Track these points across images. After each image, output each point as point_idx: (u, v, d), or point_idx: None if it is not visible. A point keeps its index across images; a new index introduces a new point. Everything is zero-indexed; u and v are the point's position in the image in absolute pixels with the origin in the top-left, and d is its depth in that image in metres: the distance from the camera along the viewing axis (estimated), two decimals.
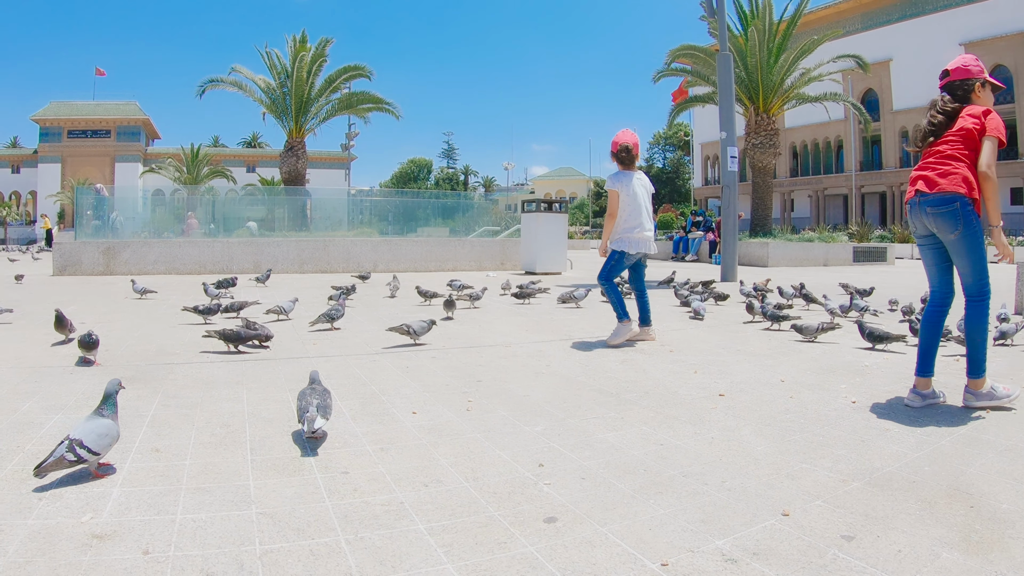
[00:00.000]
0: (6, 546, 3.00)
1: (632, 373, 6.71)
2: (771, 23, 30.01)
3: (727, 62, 19.32)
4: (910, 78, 61.37)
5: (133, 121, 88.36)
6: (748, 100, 30.94)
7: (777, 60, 29.92)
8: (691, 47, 32.20)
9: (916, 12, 62.01)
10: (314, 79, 34.81)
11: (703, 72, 31.73)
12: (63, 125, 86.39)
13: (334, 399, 4.93)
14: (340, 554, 2.99)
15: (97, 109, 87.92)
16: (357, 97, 37.00)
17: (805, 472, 3.94)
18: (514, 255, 23.69)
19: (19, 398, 5.52)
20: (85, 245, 21.31)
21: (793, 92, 31.14)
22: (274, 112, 35.88)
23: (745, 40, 29.93)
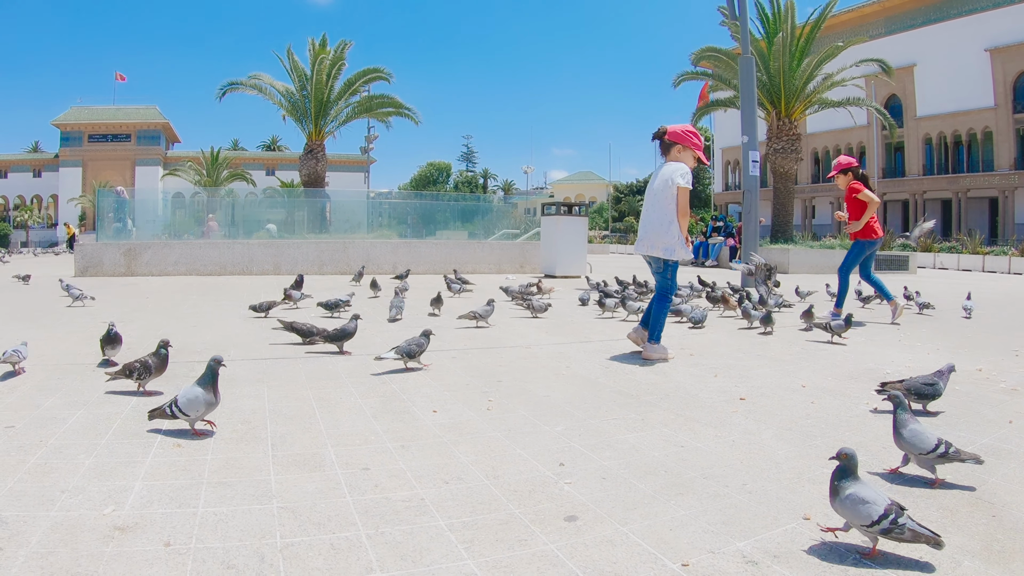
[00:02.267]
0: (28, 537, 3.02)
1: (653, 376, 6.70)
2: (793, 27, 29.82)
3: (749, 65, 19.21)
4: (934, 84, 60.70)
5: (153, 125, 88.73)
6: (770, 104, 30.75)
7: (800, 64, 29.75)
8: (713, 49, 31.98)
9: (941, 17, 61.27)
10: (333, 82, 34.79)
11: (725, 76, 31.60)
12: (84, 130, 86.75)
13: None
14: (361, 548, 3.00)
15: (117, 114, 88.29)
16: (377, 101, 37.06)
17: (826, 477, 3.84)
18: (533, 258, 23.66)
19: (42, 394, 5.56)
20: (106, 246, 21.42)
21: (816, 97, 30.92)
22: (294, 115, 35.95)
23: (768, 44, 29.76)
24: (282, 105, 35.56)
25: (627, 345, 8.28)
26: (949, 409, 5.52)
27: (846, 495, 2.98)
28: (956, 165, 61.69)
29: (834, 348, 8.18)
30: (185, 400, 4.52)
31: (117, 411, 5.12)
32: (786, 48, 29.29)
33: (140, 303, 12.63)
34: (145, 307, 11.99)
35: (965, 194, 60.69)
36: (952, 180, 61.23)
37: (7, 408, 5.15)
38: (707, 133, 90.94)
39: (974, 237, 34.77)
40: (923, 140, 63.17)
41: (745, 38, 19.44)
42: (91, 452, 4.17)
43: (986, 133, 58.95)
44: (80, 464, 3.95)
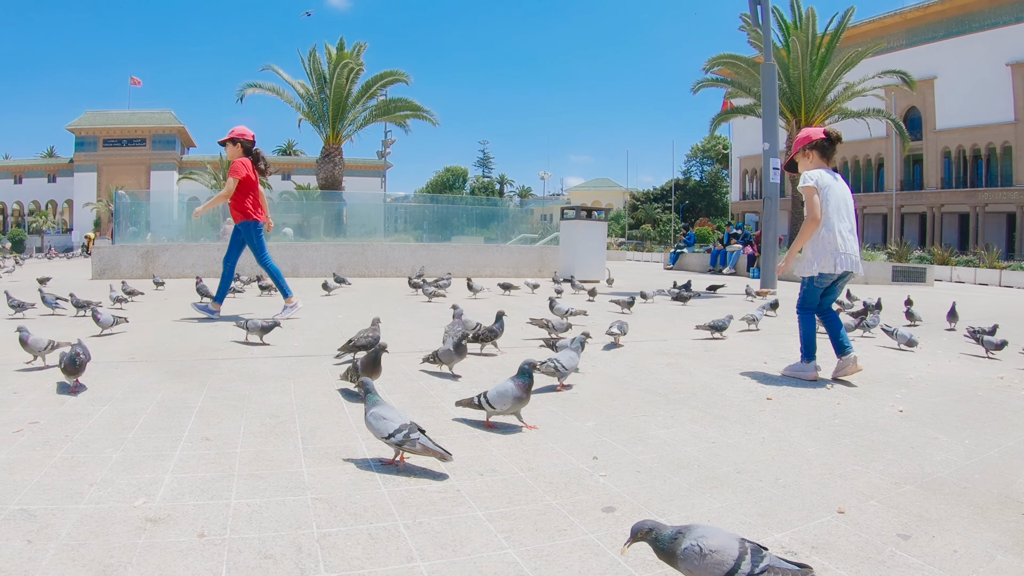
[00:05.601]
0: (58, 530, 3.01)
1: (679, 375, 6.71)
2: (814, 35, 29.69)
3: (771, 72, 19.12)
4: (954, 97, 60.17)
5: (168, 130, 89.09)
6: (790, 113, 30.60)
7: (820, 73, 29.63)
8: (731, 56, 31.84)
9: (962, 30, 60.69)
10: (351, 85, 34.72)
11: (744, 83, 31.50)
12: (98, 134, 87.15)
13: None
14: (399, 538, 3.00)
15: (132, 118, 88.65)
16: (395, 104, 37.01)
17: (858, 474, 3.91)
18: (552, 262, 23.59)
19: (66, 391, 5.57)
20: (124, 249, 21.50)
21: (835, 107, 30.75)
22: (311, 118, 35.97)
23: (787, 52, 29.61)
24: (299, 108, 35.61)
25: (650, 346, 8.30)
26: (976, 414, 5.49)
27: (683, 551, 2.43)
28: (974, 179, 61.18)
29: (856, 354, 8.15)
30: (495, 393, 4.60)
31: (142, 407, 5.12)
32: (806, 56, 29.21)
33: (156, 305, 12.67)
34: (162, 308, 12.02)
35: (983, 208, 60.26)
36: (970, 194, 60.78)
37: (31, 404, 5.16)
38: (725, 141, 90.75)
39: (991, 251, 34.58)
40: (942, 153, 62.72)
41: (767, 46, 19.37)
42: (118, 446, 4.17)
43: (1005, 148, 58.46)
44: (107, 458, 3.95)
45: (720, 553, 2.37)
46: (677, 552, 2.43)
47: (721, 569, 2.36)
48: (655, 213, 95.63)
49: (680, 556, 2.43)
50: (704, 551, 2.38)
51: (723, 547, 2.39)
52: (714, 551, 2.37)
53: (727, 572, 2.36)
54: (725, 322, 9.26)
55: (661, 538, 2.47)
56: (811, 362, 6.77)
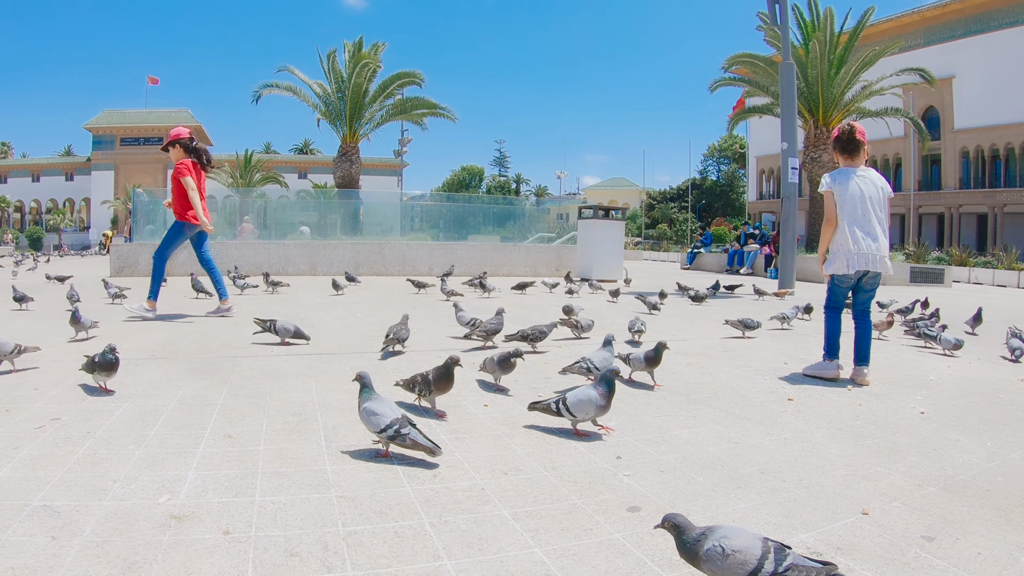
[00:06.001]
0: (82, 526, 3.03)
1: (699, 375, 6.72)
2: (832, 34, 29.40)
3: (790, 71, 19.01)
4: (973, 96, 59.54)
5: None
6: (808, 113, 30.33)
7: (838, 72, 29.34)
8: (749, 55, 31.60)
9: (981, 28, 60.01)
10: (368, 84, 34.61)
11: (762, 82, 31.28)
12: (116, 133, 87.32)
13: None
14: (426, 536, 3.01)
15: (149, 117, 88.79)
16: (412, 103, 36.92)
17: (880, 475, 3.91)
18: (569, 262, 23.50)
19: (87, 388, 5.62)
20: (142, 247, 21.58)
21: (853, 106, 30.41)
22: (328, 117, 35.91)
23: (805, 51, 29.35)
24: (317, 108, 35.60)
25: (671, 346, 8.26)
26: (997, 416, 5.49)
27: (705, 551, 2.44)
28: (993, 179, 60.69)
29: (877, 355, 8.10)
30: (575, 400, 4.47)
31: (164, 404, 5.16)
32: (824, 56, 28.96)
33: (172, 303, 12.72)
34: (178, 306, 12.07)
35: (1002, 209, 59.76)
36: (989, 195, 60.31)
37: (52, 401, 5.20)
38: (741, 140, 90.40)
39: (1010, 252, 34.29)
40: (960, 153, 62.21)
41: (786, 45, 19.25)
42: (140, 443, 4.20)
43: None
44: (130, 455, 3.97)
45: (743, 553, 2.37)
46: (700, 553, 2.44)
47: (744, 569, 2.36)
48: (671, 213, 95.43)
49: (703, 557, 2.43)
50: (727, 551, 2.38)
51: (746, 547, 2.38)
52: (736, 551, 2.37)
53: (750, 572, 2.36)
54: (756, 322, 9.28)
55: (685, 538, 2.48)
56: (833, 360, 6.78)
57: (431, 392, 5.01)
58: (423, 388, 5.04)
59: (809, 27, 30.43)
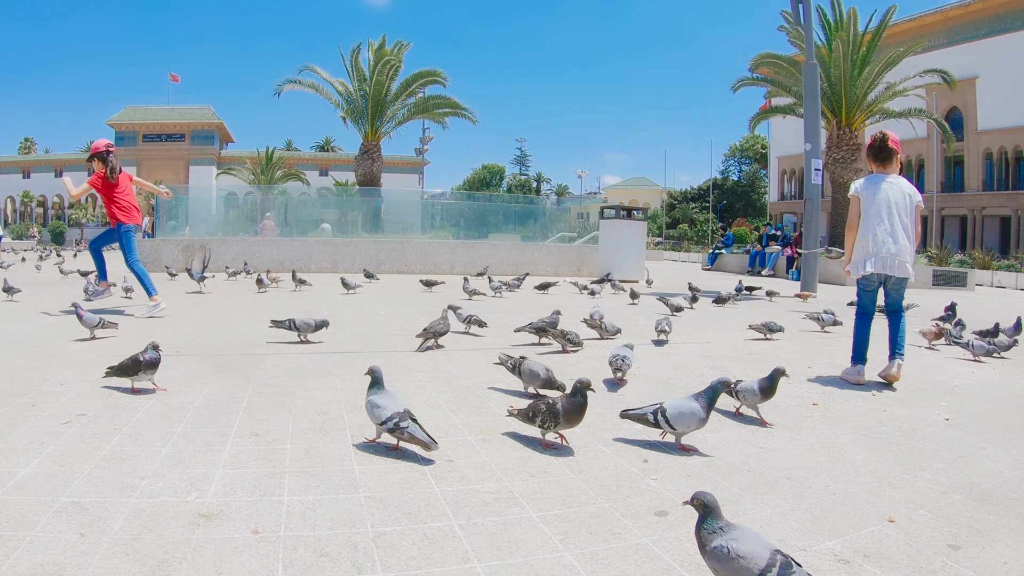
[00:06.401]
0: (110, 523, 3.06)
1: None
2: (855, 34, 29.12)
3: (813, 72, 18.89)
4: (996, 97, 58.77)
5: (207, 125, 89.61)
6: (830, 113, 30.07)
7: (861, 72, 29.12)
8: (772, 56, 31.39)
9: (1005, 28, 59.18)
10: (391, 83, 34.61)
11: (784, 82, 31.08)
12: (138, 129, 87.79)
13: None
14: (455, 538, 3.03)
15: (171, 114, 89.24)
16: (434, 102, 36.93)
17: (906, 482, 3.90)
18: (591, 261, 23.51)
19: (112, 383, 5.64)
20: (164, 243, 21.80)
21: (876, 106, 30.19)
22: (351, 115, 35.93)
23: (828, 51, 29.09)
24: (339, 105, 35.67)
25: (693, 348, 8.30)
26: (1023, 424, 5.46)
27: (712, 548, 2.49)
28: (1017, 181, 60.07)
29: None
30: (676, 412, 4.29)
31: (189, 401, 5.21)
32: (847, 56, 28.74)
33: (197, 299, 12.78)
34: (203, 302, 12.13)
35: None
36: (1012, 197, 59.68)
37: (77, 396, 5.25)
38: (763, 140, 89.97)
39: None
40: (983, 155, 61.59)
41: (809, 45, 19.16)
42: (167, 440, 4.23)
43: None
44: (157, 452, 4.01)
45: (747, 560, 2.39)
46: (708, 547, 2.49)
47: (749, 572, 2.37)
48: (692, 213, 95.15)
49: (709, 552, 2.48)
50: (732, 554, 2.41)
51: (752, 554, 2.40)
52: (741, 556, 2.39)
53: None
54: (779, 325, 9.30)
55: (706, 524, 2.53)
56: (856, 365, 6.79)
57: (558, 424, 4.23)
58: (548, 419, 4.24)
59: (832, 27, 30.24)
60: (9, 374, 5.99)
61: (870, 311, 7.04)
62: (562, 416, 4.18)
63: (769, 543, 2.47)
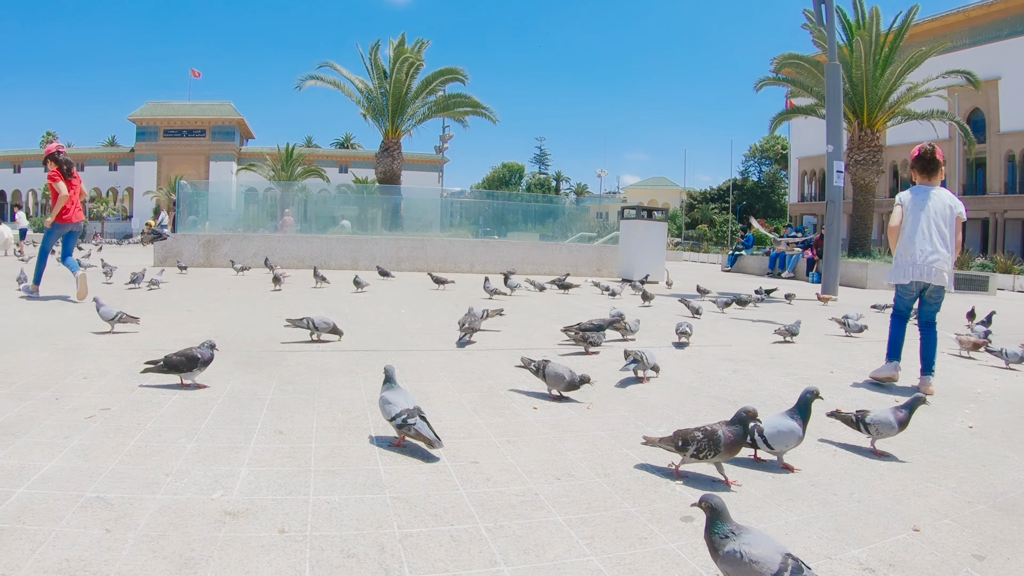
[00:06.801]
0: (136, 520, 3.08)
1: (746, 382, 6.69)
2: (877, 34, 28.83)
3: (836, 73, 18.83)
4: (1019, 98, 57.79)
5: (228, 121, 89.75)
6: (852, 114, 29.79)
7: (883, 73, 28.89)
8: (795, 56, 31.18)
9: None
10: (411, 81, 34.58)
11: (806, 83, 30.87)
12: (159, 125, 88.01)
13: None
14: (482, 541, 3.03)
15: (192, 109, 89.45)
16: (454, 100, 36.84)
17: (930, 491, 3.89)
18: (611, 262, 23.54)
19: (135, 378, 5.69)
20: (186, 238, 21.90)
21: (899, 107, 29.99)
22: (371, 113, 35.92)
23: (850, 51, 28.84)
24: (360, 103, 35.69)
25: (715, 351, 8.30)
26: None
27: (725, 551, 2.51)
28: None
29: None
30: (774, 431, 4.12)
31: (213, 396, 5.25)
32: (869, 56, 28.50)
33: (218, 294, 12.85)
34: (224, 297, 12.18)
35: None
36: None
37: (101, 391, 5.30)
38: (783, 141, 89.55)
39: None
40: (1006, 157, 60.94)
41: (832, 46, 19.10)
42: (191, 436, 4.26)
43: None
44: (182, 448, 4.03)
45: (759, 564, 2.41)
46: (720, 551, 2.52)
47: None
48: (712, 213, 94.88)
49: (721, 556, 2.51)
50: (745, 558, 2.44)
51: (764, 559, 2.42)
52: (755, 561, 2.42)
53: None
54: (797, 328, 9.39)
55: (716, 528, 2.57)
56: (893, 361, 6.97)
57: (716, 454, 3.81)
58: (704, 448, 3.80)
59: (854, 27, 30.05)
60: (32, 367, 6.06)
61: (906, 315, 7.23)
62: (723, 446, 3.77)
63: (780, 547, 2.51)
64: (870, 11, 29.57)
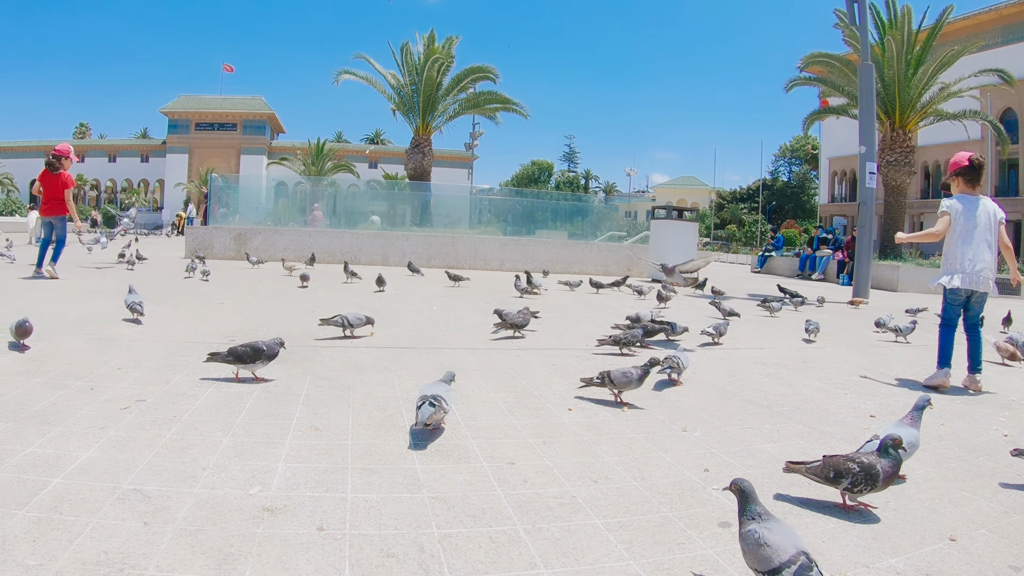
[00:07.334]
0: (174, 513, 3.11)
1: (780, 387, 6.67)
2: (910, 33, 28.39)
3: (869, 73, 18.66)
4: None
5: (259, 115, 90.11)
6: (884, 115, 29.34)
7: (915, 72, 28.49)
8: (825, 55, 30.84)
9: None
10: (442, 78, 34.55)
11: (837, 82, 30.57)
12: (191, 118, 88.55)
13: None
14: (520, 543, 3.04)
15: (224, 103, 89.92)
16: (485, 96, 36.74)
17: (966, 500, 3.86)
18: (641, 262, 23.40)
19: (169, 370, 5.78)
20: (217, 230, 22.04)
21: (931, 108, 29.64)
22: (401, 109, 35.92)
23: (882, 50, 28.42)
24: (391, 99, 35.73)
25: (747, 354, 8.30)
26: None
27: (745, 530, 2.68)
28: None
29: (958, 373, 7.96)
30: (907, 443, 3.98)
31: (248, 391, 5.30)
32: (902, 55, 28.13)
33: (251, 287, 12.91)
34: (256, 290, 12.25)
35: None
36: None
37: (136, 382, 5.36)
38: (814, 141, 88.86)
39: None
40: None
41: (865, 46, 18.91)
42: (227, 431, 4.30)
43: None
44: (218, 442, 4.07)
45: (771, 549, 2.55)
46: (742, 529, 2.71)
47: (766, 565, 2.55)
48: (741, 213, 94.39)
49: (741, 534, 2.70)
50: (760, 540, 2.59)
51: (779, 546, 2.55)
52: (767, 545, 2.56)
53: (768, 570, 2.53)
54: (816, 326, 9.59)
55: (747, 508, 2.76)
56: (943, 368, 7.22)
57: (873, 488, 3.57)
58: (861, 482, 3.54)
59: (886, 26, 29.70)
60: (66, 355, 6.15)
61: (955, 323, 7.42)
62: (881, 480, 3.54)
63: (799, 543, 2.59)
64: (902, 10, 29.19)
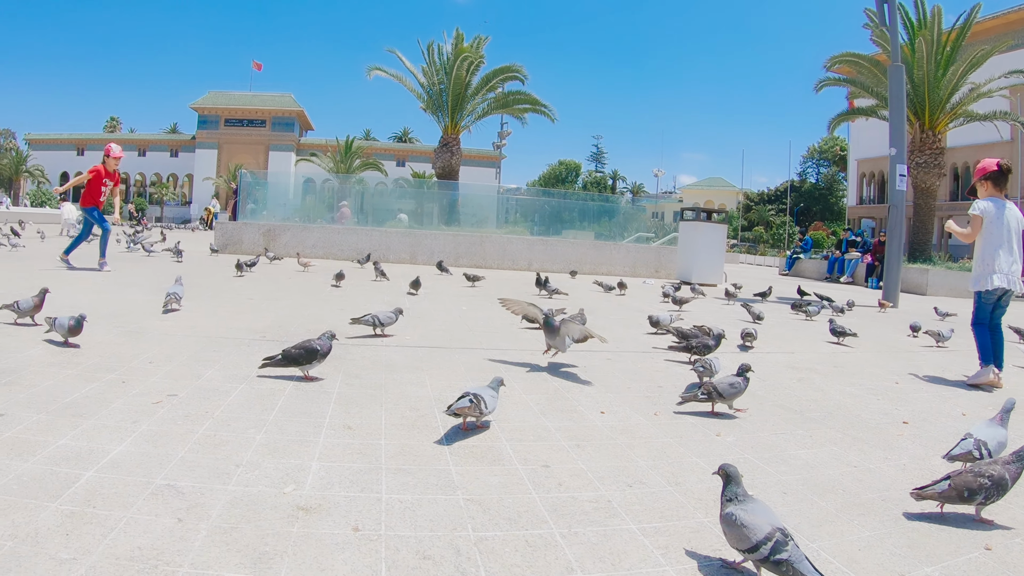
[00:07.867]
0: (208, 510, 3.13)
1: (812, 392, 6.64)
2: (939, 33, 27.99)
3: (899, 74, 18.48)
4: None
5: (288, 112, 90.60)
6: (913, 116, 28.96)
7: (945, 73, 28.12)
8: (853, 55, 30.53)
9: None
10: (471, 77, 34.53)
11: (866, 83, 30.32)
12: (220, 114, 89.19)
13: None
14: (556, 547, 3.04)
15: (253, 100, 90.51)
16: (513, 97, 36.66)
17: (1001, 509, 3.82)
18: (668, 263, 23.42)
19: (201, 365, 5.83)
20: (246, 226, 22.15)
21: (961, 109, 29.33)
22: (430, 108, 35.99)
23: (911, 51, 28.14)
24: (420, 97, 35.78)
25: (777, 358, 8.29)
26: None
27: (725, 512, 2.94)
28: None
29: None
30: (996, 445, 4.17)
31: (280, 388, 5.33)
32: (931, 55, 27.79)
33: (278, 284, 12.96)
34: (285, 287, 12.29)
35: None
36: None
37: (167, 376, 5.41)
38: (842, 143, 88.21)
39: None
40: None
41: (895, 46, 18.77)
42: (260, 428, 4.33)
43: None
44: (251, 439, 4.10)
45: (749, 529, 2.78)
46: (722, 512, 2.94)
47: (743, 544, 2.79)
48: (768, 215, 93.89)
49: (722, 516, 2.93)
50: (738, 521, 2.82)
51: (755, 526, 2.78)
52: (745, 525, 2.79)
53: (747, 548, 2.78)
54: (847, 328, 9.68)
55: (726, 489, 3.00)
56: (988, 365, 7.53)
57: (1002, 496, 3.61)
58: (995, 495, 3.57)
59: (915, 26, 29.46)
60: (98, 348, 6.23)
61: (987, 321, 7.74)
62: (1011, 485, 3.57)
63: (776, 522, 2.81)
64: (932, 10, 28.89)
